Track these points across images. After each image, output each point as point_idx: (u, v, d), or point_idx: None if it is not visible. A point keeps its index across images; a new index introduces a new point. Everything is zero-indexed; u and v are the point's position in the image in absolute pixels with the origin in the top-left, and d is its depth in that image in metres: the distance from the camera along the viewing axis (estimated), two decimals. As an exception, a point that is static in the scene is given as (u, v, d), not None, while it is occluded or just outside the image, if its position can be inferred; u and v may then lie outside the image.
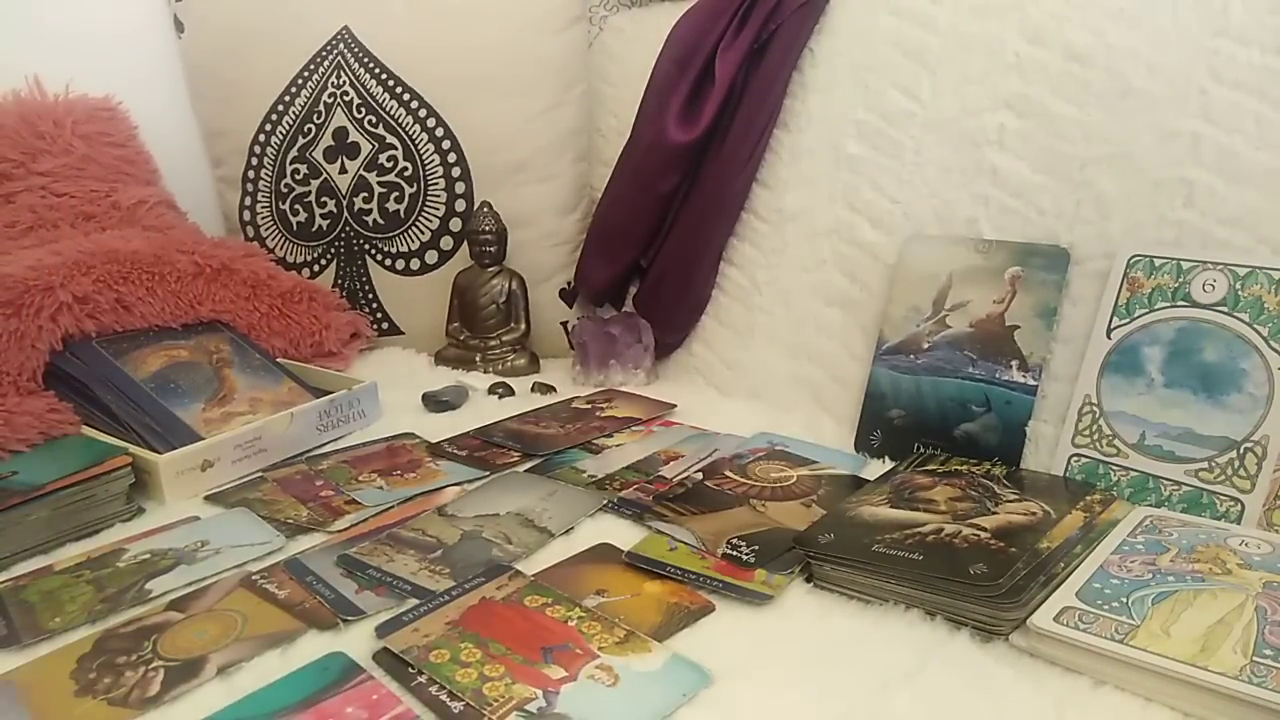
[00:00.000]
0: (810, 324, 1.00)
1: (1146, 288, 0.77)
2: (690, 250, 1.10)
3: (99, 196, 1.12)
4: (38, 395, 0.86)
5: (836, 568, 0.64)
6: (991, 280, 0.86)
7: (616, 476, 0.83)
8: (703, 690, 0.53)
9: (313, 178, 1.24)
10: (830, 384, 0.97)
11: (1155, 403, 0.75)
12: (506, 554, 0.69)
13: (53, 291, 0.89)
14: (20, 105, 1.13)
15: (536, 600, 0.62)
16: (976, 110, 0.92)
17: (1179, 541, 0.64)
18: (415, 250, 1.23)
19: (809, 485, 0.80)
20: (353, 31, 1.21)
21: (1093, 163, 0.84)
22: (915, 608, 0.61)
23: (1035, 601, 0.58)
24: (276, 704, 0.52)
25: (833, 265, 1.00)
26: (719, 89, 1.06)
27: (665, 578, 0.66)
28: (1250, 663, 0.50)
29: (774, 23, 1.06)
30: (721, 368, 1.08)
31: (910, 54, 0.98)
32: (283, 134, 1.25)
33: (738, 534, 0.71)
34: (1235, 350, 0.72)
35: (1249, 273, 0.73)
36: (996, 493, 0.73)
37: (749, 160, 1.07)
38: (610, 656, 0.56)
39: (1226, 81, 0.78)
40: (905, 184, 0.96)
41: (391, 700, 0.53)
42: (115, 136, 1.18)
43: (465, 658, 0.55)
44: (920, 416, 0.87)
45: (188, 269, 1.02)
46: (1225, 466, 0.70)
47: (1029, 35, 0.90)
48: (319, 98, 1.22)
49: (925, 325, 0.89)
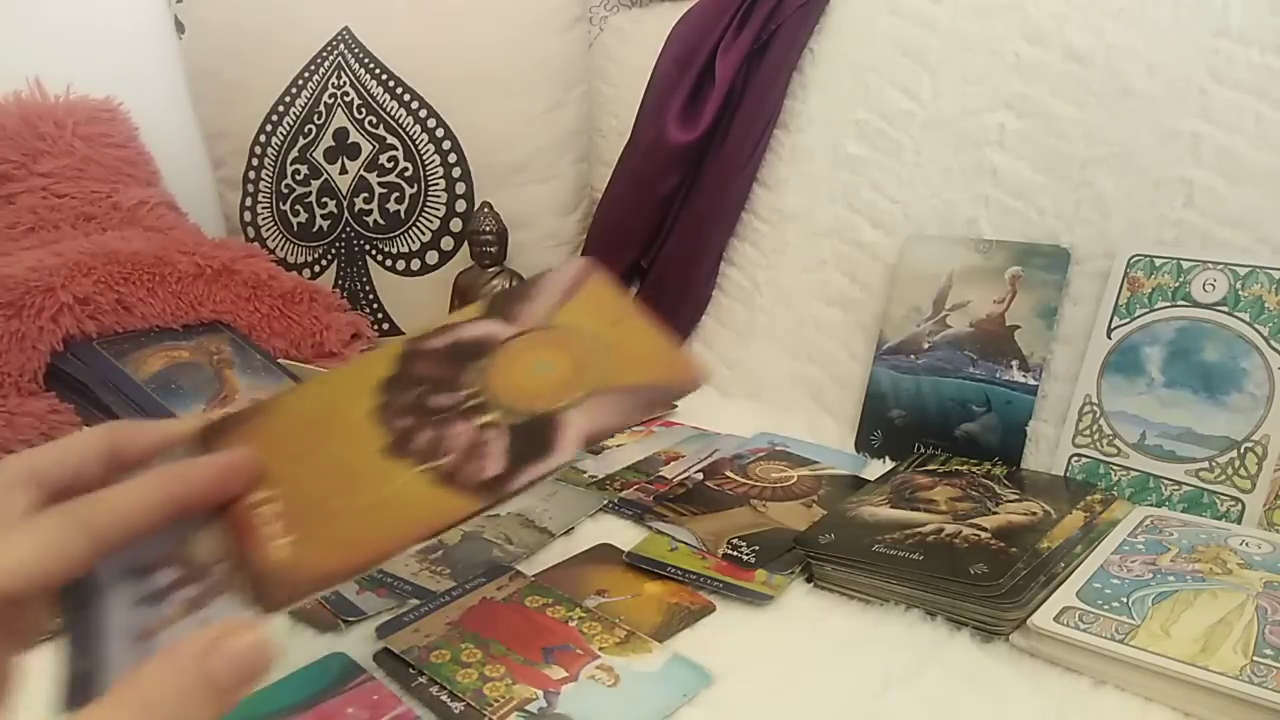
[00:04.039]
0: (810, 324, 1.00)
1: (1147, 287, 0.77)
2: (690, 251, 1.10)
3: (100, 197, 1.12)
4: (39, 396, 0.86)
5: (837, 568, 0.64)
6: (992, 280, 0.86)
7: (617, 477, 0.83)
8: (703, 690, 0.53)
9: (313, 178, 1.24)
10: (831, 384, 0.97)
11: (1155, 402, 0.75)
12: (507, 554, 0.69)
13: (54, 292, 0.89)
14: (21, 106, 1.13)
15: (537, 601, 0.62)
16: (976, 110, 0.92)
17: (1179, 541, 0.64)
18: (416, 251, 1.23)
19: (809, 485, 0.80)
20: (353, 32, 1.21)
21: (1093, 163, 0.84)
22: (916, 608, 0.61)
23: (1036, 601, 0.58)
24: (276, 705, 0.52)
25: (833, 265, 1.00)
26: (719, 89, 1.06)
27: (666, 578, 0.66)
28: (1251, 662, 0.50)
29: (774, 23, 1.06)
30: (722, 368, 1.08)
31: (910, 54, 0.98)
32: (283, 135, 1.25)
33: (738, 534, 0.71)
34: (1236, 350, 0.72)
35: (1249, 272, 0.73)
36: (997, 493, 0.73)
37: (749, 160, 1.07)
38: (611, 657, 0.56)
39: (1227, 81, 0.78)
40: (905, 184, 0.96)
41: (392, 701, 0.53)
42: (116, 137, 1.18)
43: (466, 658, 0.55)
44: (921, 416, 0.87)
45: (188, 270, 1.02)
46: (1226, 466, 0.70)
47: (1029, 35, 0.90)
48: (319, 98, 1.22)
49: (925, 325, 0.89)
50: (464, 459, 0.37)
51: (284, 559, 0.34)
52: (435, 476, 0.37)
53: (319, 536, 0.35)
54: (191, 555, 0.35)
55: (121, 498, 0.32)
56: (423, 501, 0.36)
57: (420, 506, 0.36)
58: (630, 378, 0.40)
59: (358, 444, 0.38)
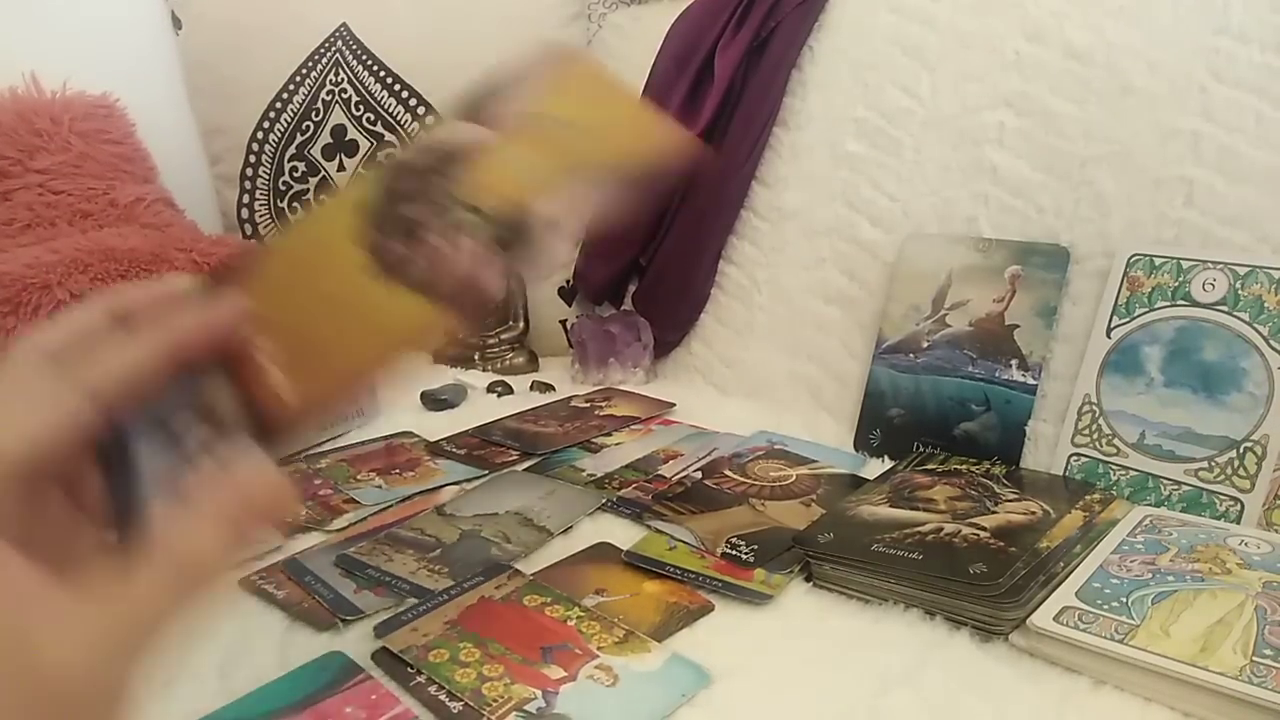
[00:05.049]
0: (809, 322, 1.00)
1: (1146, 287, 0.77)
2: (689, 248, 1.10)
3: (97, 194, 1.12)
4: (35, 394, 0.86)
5: (836, 567, 0.64)
6: (991, 279, 0.86)
7: (615, 475, 0.83)
8: (702, 690, 0.53)
9: (311, 175, 1.24)
10: (830, 383, 0.97)
11: (1155, 402, 0.75)
12: (505, 553, 0.69)
13: (50, 290, 0.89)
14: (17, 102, 1.13)
15: (535, 600, 0.62)
16: (976, 108, 0.92)
17: (1179, 541, 0.63)
18: (414, 248, 1.23)
19: (808, 484, 0.80)
20: (351, 28, 1.21)
21: (1092, 161, 0.84)
22: (915, 607, 0.61)
23: (1035, 601, 0.58)
24: (275, 704, 0.52)
25: (832, 264, 1.00)
26: (718, 87, 1.05)
27: (664, 577, 0.65)
28: (1250, 662, 0.50)
29: (773, 20, 1.05)
30: (721, 366, 1.08)
31: (910, 51, 0.98)
32: (281, 131, 1.24)
33: (737, 533, 0.70)
34: (1235, 349, 0.72)
35: (1249, 272, 0.73)
36: (996, 492, 0.72)
37: (748, 158, 1.06)
38: (609, 656, 0.56)
39: (1227, 80, 0.78)
40: (905, 182, 0.95)
41: (390, 700, 0.53)
42: (113, 134, 1.18)
43: (464, 657, 0.55)
44: (920, 415, 0.87)
45: (185, 267, 1.01)
46: (1225, 466, 0.70)
47: (1029, 33, 0.90)
48: (317, 95, 1.22)
49: (925, 324, 0.89)
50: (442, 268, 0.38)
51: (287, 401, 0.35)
52: (415, 288, 0.37)
53: (313, 369, 0.36)
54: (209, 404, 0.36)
55: (117, 354, 0.32)
56: (404, 314, 0.37)
57: (402, 319, 0.37)
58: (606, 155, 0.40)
59: (342, 270, 0.38)
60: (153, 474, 0.34)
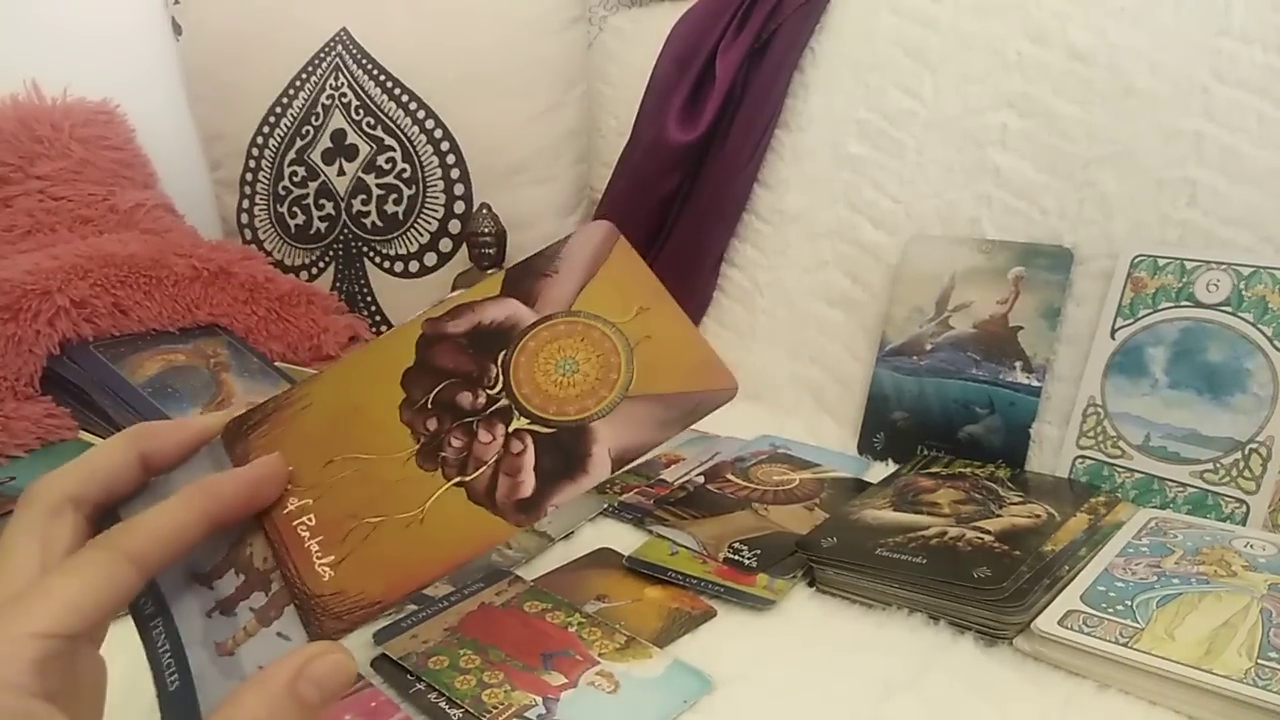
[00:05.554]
0: (812, 325, 1.00)
1: (1150, 288, 0.77)
2: (691, 251, 1.10)
3: (97, 200, 1.12)
4: (35, 400, 0.86)
5: (839, 572, 0.64)
6: (995, 281, 0.86)
7: (617, 480, 0.83)
8: (704, 697, 0.53)
9: (311, 180, 1.23)
10: (833, 386, 0.97)
11: (1159, 404, 0.74)
12: (506, 559, 0.69)
13: (50, 296, 0.89)
14: (18, 109, 1.13)
15: (536, 606, 0.61)
16: (978, 110, 0.91)
17: (1184, 544, 0.63)
18: (414, 253, 1.23)
19: (811, 488, 0.79)
20: (350, 33, 1.21)
21: (1095, 162, 0.83)
22: (919, 612, 0.60)
23: (1039, 605, 0.57)
24: (274, 712, 0.52)
25: (834, 266, 0.99)
26: (719, 89, 1.05)
27: (666, 583, 0.65)
28: (1255, 665, 0.50)
29: (775, 22, 1.05)
30: (722, 369, 1.07)
31: (912, 53, 0.98)
32: (280, 136, 1.24)
33: (740, 538, 0.70)
34: (1239, 350, 0.72)
35: (1253, 272, 0.72)
36: (1000, 495, 0.72)
37: (750, 160, 1.06)
38: (611, 663, 0.55)
39: (1229, 80, 0.78)
40: (907, 184, 0.95)
41: (390, 707, 0.52)
42: (113, 140, 1.18)
43: (464, 664, 0.55)
44: (923, 418, 0.86)
45: (185, 272, 1.01)
46: (1230, 468, 0.70)
47: (1031, 34, 0.90)
48: (317, 100, 1.22)
49: (928, 326, 0.88)
50: (496, 475, 0.37)
51: (330, 585, 0.35)
52: (469, 493, 0.37)
53: (360, 558, 0.35)
54: (247, 560, 0.36)
55: (157, 521, 0.32)
56: (460, 522, 0.36)
57: (458, 528, 0.36)
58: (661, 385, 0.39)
59: (387, 448, 0.38)
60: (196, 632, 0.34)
